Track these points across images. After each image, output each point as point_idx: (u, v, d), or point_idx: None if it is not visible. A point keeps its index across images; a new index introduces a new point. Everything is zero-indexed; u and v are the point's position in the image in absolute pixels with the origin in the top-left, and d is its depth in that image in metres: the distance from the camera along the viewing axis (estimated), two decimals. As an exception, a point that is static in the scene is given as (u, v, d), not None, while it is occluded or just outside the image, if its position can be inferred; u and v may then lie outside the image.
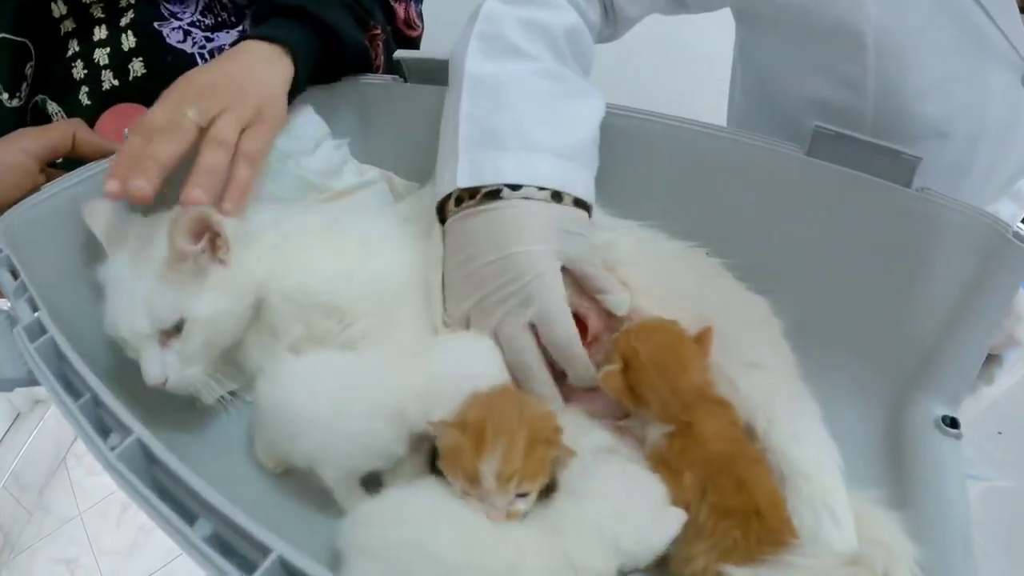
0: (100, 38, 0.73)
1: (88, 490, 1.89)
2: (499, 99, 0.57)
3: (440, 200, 0.57)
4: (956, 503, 0.50)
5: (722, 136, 0.60)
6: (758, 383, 0.52)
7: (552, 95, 0.59)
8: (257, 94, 0.58)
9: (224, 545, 0.30)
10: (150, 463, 0.33)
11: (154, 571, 1.68)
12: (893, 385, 0.58)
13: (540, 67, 0.60)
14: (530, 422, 0.46)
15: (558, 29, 0.62)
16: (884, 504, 0.48)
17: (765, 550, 0.43)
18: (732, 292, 0.59)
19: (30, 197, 0.55)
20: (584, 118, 0.59)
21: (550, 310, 0.51)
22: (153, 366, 0.51)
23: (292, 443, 0.50)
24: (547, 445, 0.46)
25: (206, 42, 0.76)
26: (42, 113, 0.74)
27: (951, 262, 0.55)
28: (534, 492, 0.46)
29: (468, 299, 0.54)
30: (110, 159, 0.57)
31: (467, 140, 0.56)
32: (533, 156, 0.55)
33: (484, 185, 0.54)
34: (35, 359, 0.40)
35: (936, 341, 0.57)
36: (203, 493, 0.29)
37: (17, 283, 0.46)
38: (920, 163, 0.53)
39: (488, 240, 0.53)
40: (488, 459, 0.44)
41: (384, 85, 0.71)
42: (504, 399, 0.48)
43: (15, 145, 0.57)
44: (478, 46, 0.60)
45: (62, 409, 0.37)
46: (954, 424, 0.54)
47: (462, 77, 0.58)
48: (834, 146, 0.55)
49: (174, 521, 0.29)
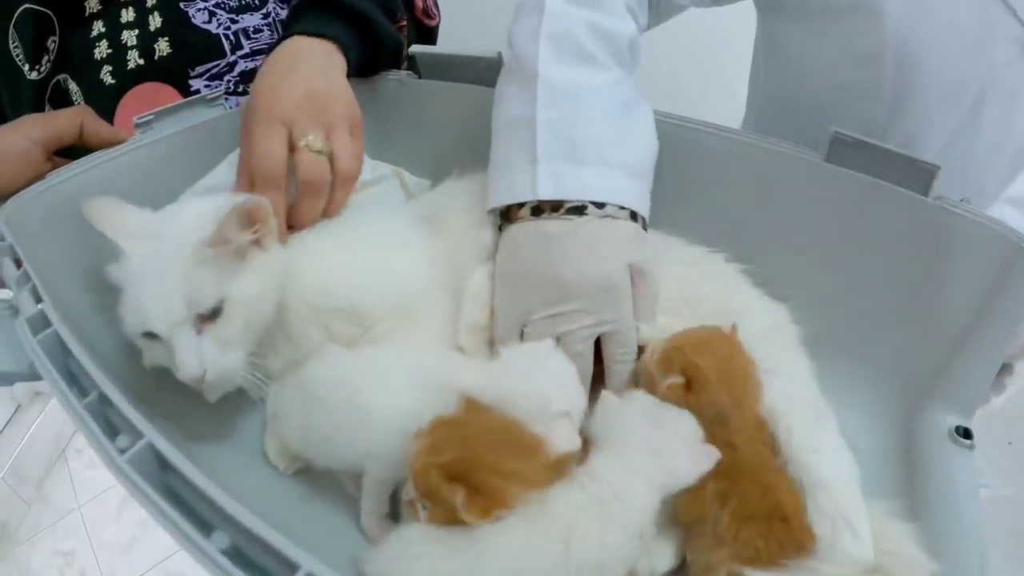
0: (128, 20, 0.73)
1: (87, 483, 1.88)
2: (575, 109, 0.57)
3: (507, 205, 0.57)
4: (969, 514, 0.49)
5: (741, 140, 0.60)
6: (778, 391, 0.52)
7: (622, 108, 0.59)
8: (345, 104, 0.60)
9: (243, 558, 0.28)
10: (163, 469, 0.32)
11: (152, 566, 1.67)
12: (906, 394, 0.58)
13: (611, 77, 0.59)
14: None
15: (622, 38, 0.62)
16: (899, 516, 0.47)
17: (787, 555, 0.43)
18: (750, 298, 0.59)
19: (34, 185, 0.54)
20: (647, 134, 0.60)
21: (624, 332, 0.53)
22: (190, 356, 0.48)
23: (345, 437, 0.49)
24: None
25: (231, 23, 0.77)
26: (63, 92, 0.74)
27: (966, 272, 0.54)
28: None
29: (535, 310, 0.53)
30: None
31: (546, 149, 0.55)
32: (613, 173, 0.55)
33: (568, 200, 0.54)
34: (38, 353, 0.39)
35: (950, 351, 0.56)
36: (223, 503, 0.28)
37: (20, 272, 0.45)
38: (939, 171, 0.52)
39: (572, 256, 0.53)
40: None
41: (398, 81, 0.70)
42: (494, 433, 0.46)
43: (21, 132, 0.56)
44: (549, 47, 0.58)
45: (67, 407, 0.36)
46: (967, 435, 0.53)
47: (535, 79, 0.57)
48: (852, 153, 0.55)
49: (189, 533, 0.28)
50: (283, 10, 0.80)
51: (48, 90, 0.73)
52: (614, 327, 0.52)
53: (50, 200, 0.54)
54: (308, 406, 0.52)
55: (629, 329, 0.53)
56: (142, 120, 0.61)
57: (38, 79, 0.72)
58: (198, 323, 0.50)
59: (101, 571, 1.68)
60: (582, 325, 0.52)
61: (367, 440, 0.48)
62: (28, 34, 0.70)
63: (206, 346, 0.49)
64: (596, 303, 0.52)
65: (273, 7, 0.80)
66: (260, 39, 0.79)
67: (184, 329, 0.49)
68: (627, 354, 0.53)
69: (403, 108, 0.71)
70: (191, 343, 0.49)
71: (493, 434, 0.45)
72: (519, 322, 0.54)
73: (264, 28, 0.80)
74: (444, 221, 0.61)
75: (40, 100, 0.73)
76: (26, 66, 0.71)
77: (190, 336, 0.49)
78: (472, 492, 0.41)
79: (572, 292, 0.52)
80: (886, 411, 0.58)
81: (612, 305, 0.52)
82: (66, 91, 0.73)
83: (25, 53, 0.70)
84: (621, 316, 0.53)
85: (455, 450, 0.43)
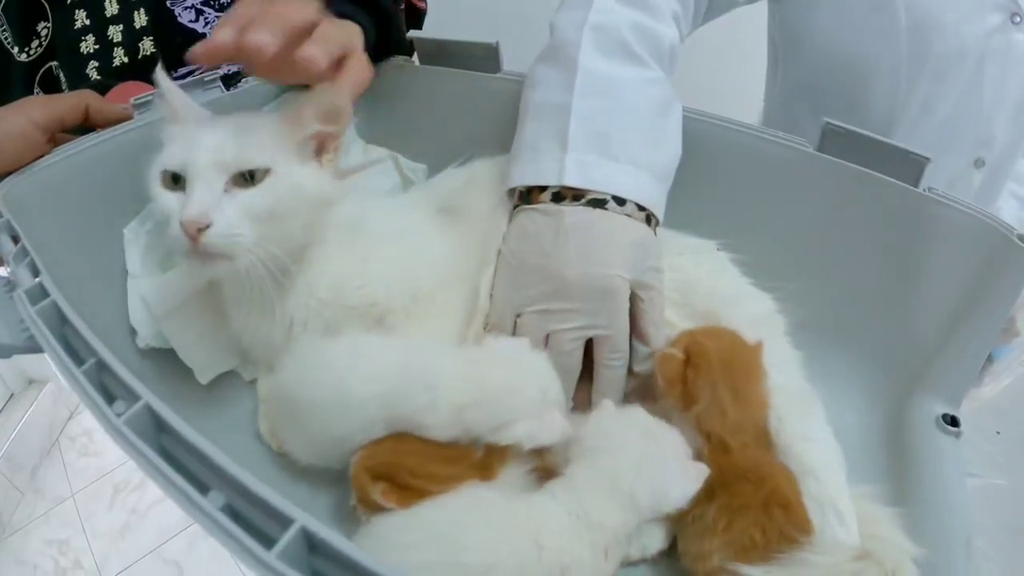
0: (113, 13, 0.72)
1: (81, 471, 1.89)
2: (612, 103, 0.57)
3: (528, 187, 0.56)
4: (956, 501, 0.50)
5: (733, 129, 0.60)
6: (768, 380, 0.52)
7: (659, 108, 0.59)
8: (344, 35, 0.57)
9: (238, 517, 0.29)
10: (159, 431, 0.32)
11: (146, 553, 1.68)
12: (894, 383, 0.58)
13: (652, 76, 0.59)
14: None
15: (666, 41, 0.62)
16: (885, 500, 0.48)
17: (789, 543, 0.42)
18: (738, 287, 0.59)
19: (32, 164, 0.55)
20: (676, 136, 0.59)
21: (616, 338, 0.52)
22: (207, 198, 0.46)
23: (325, 428, 0.48)
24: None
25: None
26: (55, 79, 0.74)
27: (956, 262, 0.55)
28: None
29: (530, 303, 0.53)
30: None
31: (576, 137, 0.55)
32: (640, 173, 0.55)
33: (592, 190, 0.54)
34: (37, 323, 0.39)
35: (938, 340, 0.57)
36: (219, 461, 0.28)
37: (18, 248, 0.46)
38: (929, 163, 0.53)
39: (577, 253, 0.52)
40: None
41: (395, 65, 0.70)
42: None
43: (22, 114, 0.57)
44: (593, 38, 0.58)
45: (65, 374, 0.37)
46: (954, 423, 0.54)
47: (575, 68, 0.57)
48: (844, 143, 0.56)
49: (188, 491, 0.28)
50: None
51: (39, 74, 0.73)
52: (606, 332, 0.52)
53: (47, 178, 0.55)
54: (288, 408, 0.51)
55: (621, 335, 0.52)
56: (140, 101, 0.61)
57: (28, 61, 0.71)
58: (229, 184, 0.48)
59: (95, 559, 1.68)
60: (573, 326, 0.52)
61: (347, 428, 0.47)
62: (15, 16, 0.70)
63: (226, 201, 0.47)
64: (590, 306, 0.51)
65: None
66: None
67: (215, 176, 0.47)
68: (616, 359, 0.52)
69: (400, 93, 0.71)
70: (209, 189, 0.46)
71: (423, 445, 0.46)
72: (514, 311, 0.54)
73: None
74: (463, 210, 0.61)
75: (30, 83, 0.72)
76: (15, 48, 0.70)
77: (217, 186, 0.47)
78: (392, 487, 0.44)
79: (569, 291, 0.52)
80: (875, 399, 0.59)
81: (607, 310, 0.51)
82: (57, 78, 0.74)
83: (13, 35, 0.70)
84: (614, 322, 0.52)
85: (385, 456, 0.46)
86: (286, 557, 0.26)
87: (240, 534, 0.27)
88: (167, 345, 0.56)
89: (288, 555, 0.27)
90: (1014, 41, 0.77)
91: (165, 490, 0.29)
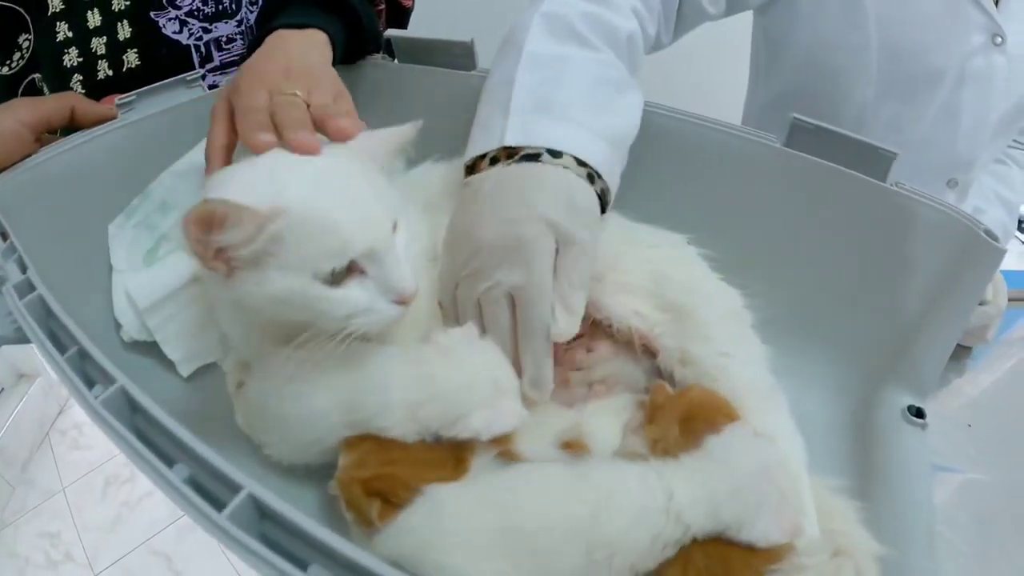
0: (96, 25, 0.71)
1: (72, 465, 1.90)
2: (557, 74, 0.57)
3: (473, 159, 0.55)
4: (920, 492, 0.50)
5: (699, 124, 0.60)
6: (732, 374, 0.52)
7: (609, 83, 0.59)
8: (330, 81, 0.57)
9: (200, 488, 0.31)
10: (132, 411, 0.35)
11: (136, 546, 1.69)
12: (861, 375, 0.59)
13: (600, 57, 0.60)
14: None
15: (622, 31, 0.63)
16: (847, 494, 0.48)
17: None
18: (707, 282, 0.58)
19: (22, 162, 0.56)
20: (632, 114, 0.59)
21: (530, 294, 0.48)
22: (408, 268, 0.46)
23: (298, 434, 0.49)
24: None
25: (203, 33, 0.76)
26: (38, 92, 0.74)
27: (923, 257, 0.55)
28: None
29: (460, 269, 0.51)
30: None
31: (518, 103, 0.55)
32: (580, 130, 0.54)
33: (526, 146, 0.53)
34: (24, 315, 0.42)
35: (906, 333, 0.57)
36: (180, 435, 0.31)
37: (7, 244, 0.48)
38: (896, 158, 0.54)
39: (492, 211, 0.50)
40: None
41: (373, 64, 0.70)
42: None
43: (10, 115, 0.58)
44: (542, 25, 0.59)
45: (49, 362, 0.39)
46: (920, 414, 0.55)
47: (520, 53, 0.58)
48: (812, 138, 0.56)
49: (154, 463, 0.31)
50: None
51: (21, 87, 0.72)
52: (519, 284, 0.48)
53: (34, 176, 0.57)
54: (259, 416, 0.52)
55: (534, 289, 0.48)
56: (124, 100, 0.63)
57: (9, 74, 0.71)
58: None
59: (86, 552, 1.69)
60: (489, 284, 0.49)
61: (315, 435, 0.48)
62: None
63: (404, 258, 0.47)
64: (498, 259, 0.49)
65: (245, 14, 0.79)
66: (232, 50, 0.79)
67: (391, 239, 0.46)
68: (534, 320, 0.48)
69: (378, 91, 0.71)
70: (402, 258, 0.46)
71: (405, 452, 0.46)
72: (453, 284, 0.52)
73: (237, 37, 0.79)
74: (427, 203, 0.61)
75: (12, 95, 0.71)
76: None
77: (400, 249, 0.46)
78: (387, 505, 0.43)
79: (481, 249, 0.49)
80: (843, 392, 0.59)
81: (517, 262, 0.48)
82: (40, 90, 0.73)
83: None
84: (529, 278, 0.48)
85: (376, 466, 0.45)
86: (235, 520, 0.29)
87: (198, 500, 0.29)
88: (151, 338, 0.58)
89: (237, 518, 0.29)
90: (994, 63, 0.77)
91: (135, 463, 0.31)
